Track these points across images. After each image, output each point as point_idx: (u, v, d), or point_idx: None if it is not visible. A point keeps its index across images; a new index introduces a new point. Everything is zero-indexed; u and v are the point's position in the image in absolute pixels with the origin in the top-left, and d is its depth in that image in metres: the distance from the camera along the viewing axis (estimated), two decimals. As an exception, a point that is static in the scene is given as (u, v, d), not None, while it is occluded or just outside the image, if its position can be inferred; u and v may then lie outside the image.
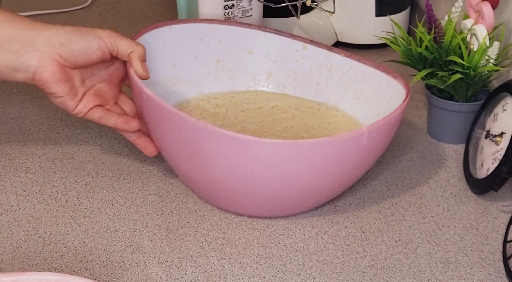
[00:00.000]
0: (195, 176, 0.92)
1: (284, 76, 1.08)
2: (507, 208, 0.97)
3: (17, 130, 1.10)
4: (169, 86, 1.04)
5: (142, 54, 0.94)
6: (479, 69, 1.01)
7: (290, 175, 0.86)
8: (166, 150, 0.94)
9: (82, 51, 0.92)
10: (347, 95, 1.04)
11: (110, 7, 1.50)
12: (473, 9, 1.05)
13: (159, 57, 1.03)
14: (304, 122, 1.03)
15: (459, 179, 1.02)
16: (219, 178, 0.88)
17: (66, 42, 0.91)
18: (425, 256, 0.89)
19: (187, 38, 1.05)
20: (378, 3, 1.31)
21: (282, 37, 1.07)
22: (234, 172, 0.87)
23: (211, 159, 0.86)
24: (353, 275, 0.86)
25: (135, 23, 1.44)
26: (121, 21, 1.44)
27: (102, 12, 1.48)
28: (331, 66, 1.04)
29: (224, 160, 0.86)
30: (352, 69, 1.03)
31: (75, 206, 0.96)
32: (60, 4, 1.49)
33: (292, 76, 1.08)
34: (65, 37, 0.91)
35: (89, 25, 1.40)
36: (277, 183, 0.87)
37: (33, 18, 0.94)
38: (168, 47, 1.04)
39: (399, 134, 1.12)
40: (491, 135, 0.99)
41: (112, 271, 0.86)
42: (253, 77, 1.09)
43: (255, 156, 0.84)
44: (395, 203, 0.98)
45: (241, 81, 1.09)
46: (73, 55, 0.92)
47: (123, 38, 0.94)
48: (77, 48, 0.92)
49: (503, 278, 0.86)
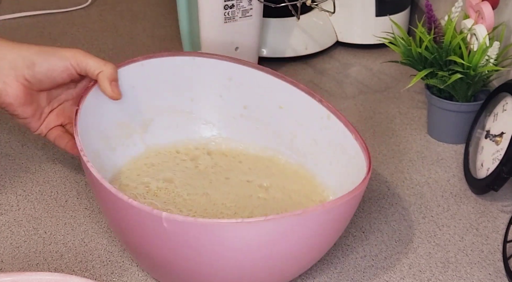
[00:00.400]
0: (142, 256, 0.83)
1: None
2: (507, 208, 0.97)
3: (17, 130, 1.10)
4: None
5: (111, 74, 0.88)
6: (479, 69, 1.01)
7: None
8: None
9: (47, 74, 0.88)
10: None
11: (110, 7, 1.50)
12: (473, 9, 1.05)
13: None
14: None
15: (459, 179, 1.02)
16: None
17: (30, 65, 0.88)
18: (425, 256, 0.89)
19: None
20: (378, 3, 1.31)
21: (311, 99, 0.94)
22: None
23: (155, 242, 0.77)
24: (353, 275, 0.86)
25: (135, 23, 1.44)
26: (121, 21, 1.44)
27: (102, 12, 1.48)
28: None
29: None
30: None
31: (75, 206, 0.96)
32: (60, 4, 1.49)
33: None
34: (29, 60, 0.87)
35: (89, 25, 1.41)
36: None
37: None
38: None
39: (399, 134, 1.12)
40: (491, 135, 0.99)
41: (112, 271, 0.86)
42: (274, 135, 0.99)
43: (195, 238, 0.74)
44: (395, 203, 0.98)
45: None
46: (37, 78, 0.88)
47: (90, 57, 0.89)
48: (41, 71, 0.88)
49: (503, 278, 0.86)
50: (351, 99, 1.21)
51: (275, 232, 0.73)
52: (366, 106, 1.19)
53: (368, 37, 1.32)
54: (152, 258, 0.80)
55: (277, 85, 0.96)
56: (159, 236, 0.74)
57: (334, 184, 0.90)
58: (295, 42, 1.30)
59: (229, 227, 0.72)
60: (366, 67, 1.30)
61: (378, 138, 1.11)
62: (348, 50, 1.35)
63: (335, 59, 1.33)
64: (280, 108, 0.96)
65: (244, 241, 0.74)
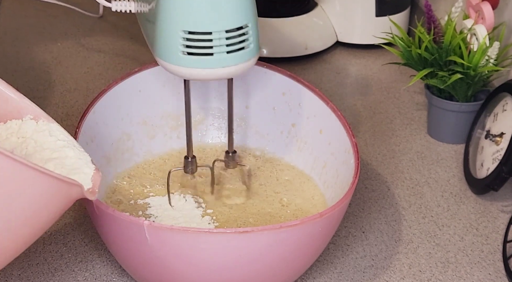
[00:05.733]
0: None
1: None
2: (507, 208, 0.97)
3: (17, 130, 1.10)
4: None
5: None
6: (479, 69, 1.01)
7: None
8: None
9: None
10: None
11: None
12: (473, 9, 1.06)
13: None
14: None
15: (459, 179, 1.03)
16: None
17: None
18: (425, 256, 0.89)
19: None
20: (378, 3, 1.31)
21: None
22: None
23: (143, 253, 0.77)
24: (353, 275, 0.86)
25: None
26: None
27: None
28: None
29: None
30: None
31: (75, 206, 0.96)
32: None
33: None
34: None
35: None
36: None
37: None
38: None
39: (399, 134, 1.12)
40: (491, 135, 0.99)
41: (112, 271, 0.86)
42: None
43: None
44: (395, 203, 0.98)
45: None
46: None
47: None
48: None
49: (503, 278, 0.86)
50: (351, 99, 1.21)
51: (255, 242, 0.74)
52: (366, 106, 1.19)
53: (368, 37, 1.32)
54: (136, 269, 0.80)
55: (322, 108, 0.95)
56: (142, 245, 0.74)
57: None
58: (295, 42, 1.30)
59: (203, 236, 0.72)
60: (366, 67, 1.30)
61: (378, 139, 1.11)
62: (348, 50, 1.35)
63: (335, 59, 1.33)
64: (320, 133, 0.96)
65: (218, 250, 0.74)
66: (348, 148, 0.87)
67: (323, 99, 0.93)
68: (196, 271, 0.76)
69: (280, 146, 0.99)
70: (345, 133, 0.89)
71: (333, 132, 0.91)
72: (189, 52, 0.78)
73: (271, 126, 0.99)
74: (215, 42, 0.77)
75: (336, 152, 0.91)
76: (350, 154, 0.86)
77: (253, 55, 0.80)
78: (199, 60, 0.78)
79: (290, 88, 0.97)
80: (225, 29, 0.77)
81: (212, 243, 0.73)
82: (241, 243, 0.73)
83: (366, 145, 1.09)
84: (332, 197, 0.89)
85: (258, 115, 1.00)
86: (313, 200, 0.92)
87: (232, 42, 0.78)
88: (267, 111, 0.99)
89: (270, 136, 0.99)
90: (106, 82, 1.21)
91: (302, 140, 0.97)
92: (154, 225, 0.72)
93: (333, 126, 0.91)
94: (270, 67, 0.97)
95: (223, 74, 0.79)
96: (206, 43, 0.77)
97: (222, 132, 1.01)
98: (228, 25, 0.77)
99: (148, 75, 0.97)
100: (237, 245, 0.73)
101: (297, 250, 0.77)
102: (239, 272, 0.76)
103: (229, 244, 0.73)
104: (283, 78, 0.97)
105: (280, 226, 0.72)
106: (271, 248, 0.75)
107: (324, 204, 0.91)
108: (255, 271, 0.77)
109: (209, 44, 0.77)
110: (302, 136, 0.97)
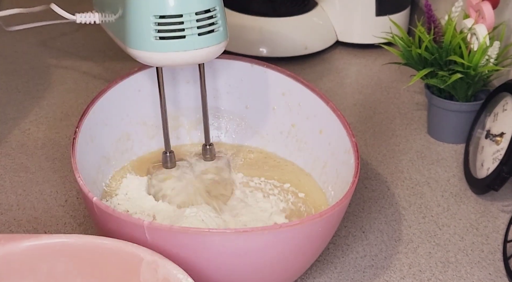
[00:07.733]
0: None
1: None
2: (507, 207, 0.97)
3: (17, 130, 1.10)
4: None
5: None
6: (479, 69, 1.01)
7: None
8: None
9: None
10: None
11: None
12: (473, 9, 1.05)
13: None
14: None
15: (459, 179, 1.02)
16: None
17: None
18: (425, 256, 0.89)
19: None
20: (378, 3, 1.31)
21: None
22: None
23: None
24: (353, 275, 0.86)
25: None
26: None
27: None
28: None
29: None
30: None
31: (75, 206, 0.96)
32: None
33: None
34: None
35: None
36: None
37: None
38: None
39: (399, 134, 1.12)
40: (491, 135, 0.99)
41: (112, 271, 0.86)
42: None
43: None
44: (395, 202, 0.98)
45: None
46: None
47: None
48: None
49: (503, 278, 0.86)
50: (351, 99, 1.21)
51: (254, 242, 0.74)
52: (366, 106, 1.19)
53: (368, 37, 1.32)
54: None
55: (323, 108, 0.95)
56: (142, 245, 0.74)
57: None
58: (295, 42, 1.30)
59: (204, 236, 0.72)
60: (366, 67, 1.30)
61: (378, 139, 1.11)
62: (348, 50, 1.35)
63: (335, 59, 1.33)
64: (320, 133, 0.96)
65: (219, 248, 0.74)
66: (348, 147, 0.87)
67: (323, 99, 0.93)
68: (196, 271, 0.75)
69: (280, 146, 0.99)
70: (345, 133, 0.89)
71: (333, 132, 0.91)
72: (161, 36, 0.80)
73: (271, 126, 0.99)
74: (186, 24, 0.80)
75: (336, 151, 0.91)
76: (350, 154, 0.86)
77: (223, 39, 0.83)
78: (171, 43, 0.80)
79: (290, 88, 0.97)
80: (195, 11, 0.79)
81: (212, 243, 0.73)
82: (241, 243, 0.73)
83: (366, 145, 1.09)
84: (332, 197, 0.89)
85: (258, 115, 1.00)
86: (313, 200, 0.92)
87: (202, 24, 0.80)
88: (267, 111, 0.99)
89: (270, 137, 0.99)
90: (106, 82, 1.21)
91: (302, 140, 0.97)
92: (154, 225, 0.72)
93: (333, 126, 0.91)
94: (270, 67, 0.97)
95: (195, 57, 0.82)
96: (177, 26, 0.80)
97: (221, 132, 1.01)
98: (198, 8, 0.80)
99: (148, 75, 0.97)
100: (237, 245, 0.73)
101: (297, 250, 0.77)
102: (239, 272, 0.76)
103: (229, 244, 0.73)
104: (283, 78, 0.97)
105: (280, 226, 0.72)
106: (271, 248, 0.75)
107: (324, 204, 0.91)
108: (255, 271, 0.77)
109: (181, 26, 0.80)
110: (302, 136, 0.97)
